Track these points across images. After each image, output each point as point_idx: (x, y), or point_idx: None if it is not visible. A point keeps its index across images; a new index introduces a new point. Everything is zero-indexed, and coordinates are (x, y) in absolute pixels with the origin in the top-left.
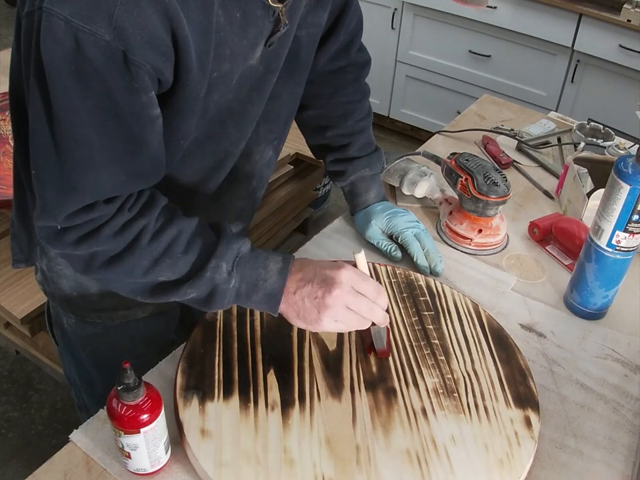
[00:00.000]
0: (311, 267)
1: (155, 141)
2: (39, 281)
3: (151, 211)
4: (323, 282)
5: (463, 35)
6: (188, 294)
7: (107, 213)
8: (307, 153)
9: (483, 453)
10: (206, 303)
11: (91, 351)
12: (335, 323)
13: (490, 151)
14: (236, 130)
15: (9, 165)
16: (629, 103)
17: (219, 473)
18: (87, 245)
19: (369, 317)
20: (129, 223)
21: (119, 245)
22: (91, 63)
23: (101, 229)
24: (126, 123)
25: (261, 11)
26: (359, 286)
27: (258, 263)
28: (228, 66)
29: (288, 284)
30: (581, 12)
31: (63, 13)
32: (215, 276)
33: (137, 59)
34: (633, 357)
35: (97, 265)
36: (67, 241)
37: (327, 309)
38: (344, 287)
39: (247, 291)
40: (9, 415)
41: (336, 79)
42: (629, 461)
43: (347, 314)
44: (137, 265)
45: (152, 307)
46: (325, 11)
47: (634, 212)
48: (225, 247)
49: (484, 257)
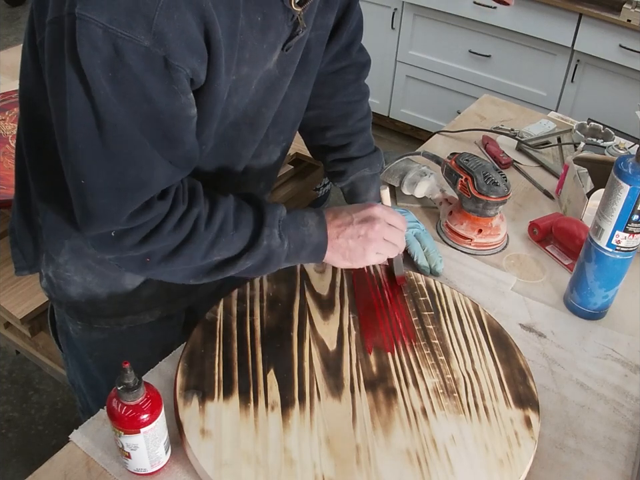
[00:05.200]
0: (344, 212)
1: (191, 138)
2: (45, 287)
3: (198, 198)
4: (362, 221)
5: (463, 35)
6: (245, 265)
7: (164, 209)
8: (307, 153)
9: (483, 453)
10: (260, 269)
11: (97, 356)
12: (377, 255)
13: (490, 151)
14: (250, 133)
15: (9, 165)
16: (628, 103)
17: (219, 473)
18: (149, 244)
19: (400, 246)
20: (185, 214)
21: (179, 238)
22: (130, 69)
23: (162, 226)
24: (164, 125)
25: (281, 15)
26: (390, 219)
27: (297, 221)
28: (247, 69)
29: (329, 232)
30: (581, 12)
31: (100, 19)
32: (271, 242)
33: (177, 64)
34: (633, 357)
35: (155, 262)
36: (126, 245)
37: (371, 243)
38: (381, 221)
39: (295, 249)
40: (9, 415)
41: (336, 79)
42: (629, 460)
43: (385, 245)
44: (196, 252)
45: (159, 312)
46: (332, 13)
47: (634, 212)
48: (271, 215)
49: (484, 257)
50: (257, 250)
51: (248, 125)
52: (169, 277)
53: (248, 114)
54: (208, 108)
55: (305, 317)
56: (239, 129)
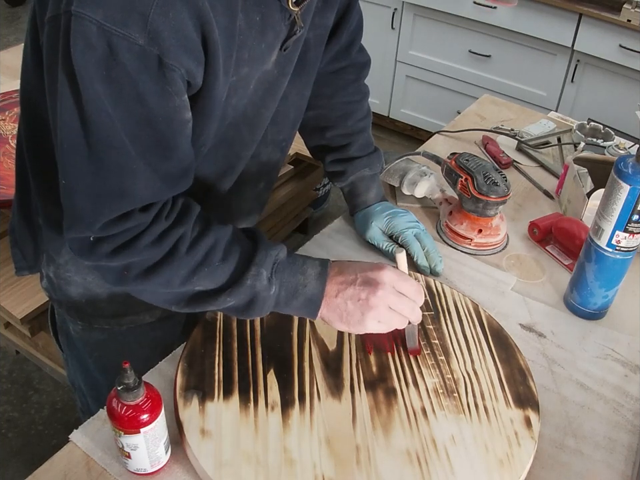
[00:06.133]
0: (350, 269)
1: (185, 145)
2: (45, 287)
3: (187, 218)
4: (365, 283)
5: (463, 35)
6: (227, 302)
7: (144, 222)
8: (307, 153)
9: (483, 453)
10: (245, 311)
11: (97, 357)
12: (378, 324)
13: (490, 150)
14: (249, 133)
15: (9, 165)
16: (629, 103)
17: (219, 473)
18: (123, 255)
19: (409, 317)
20: (166, 231)
21: (157, 255)
22: (124, 67)
23: (138, 239)
24: (158, 128)
25: (279, 14)
26: (400, 286)
27: (296, 268)
28: (246, 70)
29: (328, 288)
30: (581, 12)
31: (95, 17)
32: (255, 283)
33: (172, 63)
34: (633, 357)
35: (132, 276)
36: (101, 253)
37: (371, 310)
38: (387, 287)
39: (286, 297)
40: (9, 415)
41: (336, 79)
42: (629, 460)
43: (389, 314)
44: (174, 275)
45: (159, 312)
46: (332, 13)
47: (634, 212)
48: (263, 254)
49: (484, 257)
50: (239, 288)
51: (247, 125)
52: (150, 297)
53: (247, 114)
54: (207, 110)
55: (305, 317)
56: (238, 129)
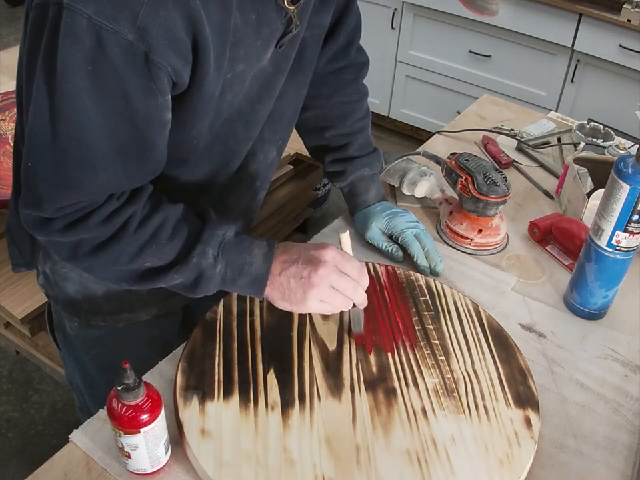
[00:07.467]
0: (295, 248)
1: (162, 146)
2: (42, 284)
3: (138, 198)
4: (308, 262)
5: (463, 35)
6: (174, 279)
7: (96, 202)
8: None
9: (483, 453)
10: (192, 289)
11: (94, 354)
12: (320, 303)
13: (490, 151)
14: (244, 130)
15: (9, 165)
16: (629, 103)
17: (219, 473)
18: (74, 232)
19: (352, 297)
20: (116, 210)
21: (106, 233)
22: (111, 62)
23: (89, 217)
24: (138, 126)
25: (275, 13)
26: (342, 265)
27: (243, 247)
28: (242, 67)
29: (273, 267)
30: (581, 12)
31: (86, 10)
32: (201, 261)
33: (158, 60)
34: (633, 357)
35: (82, 253)
36: (53, 229)
37: (313, 288)
38: (329, 265)
39: (232, 276)
40: (9, 415)
41: (335, 79)
42: (629, 460)
43: (331, 293)
44: (123, 252)
45: (156, 309)
46: (329, 12)
47: (634, 212)
48: (210, 233)
49: (484, 257)
50: (185, 266)
51: (242, 121)
52: (102, 274)
53: (242, 111)
54: (199, 105)
55: (305, 317)
56: (234, 125)
